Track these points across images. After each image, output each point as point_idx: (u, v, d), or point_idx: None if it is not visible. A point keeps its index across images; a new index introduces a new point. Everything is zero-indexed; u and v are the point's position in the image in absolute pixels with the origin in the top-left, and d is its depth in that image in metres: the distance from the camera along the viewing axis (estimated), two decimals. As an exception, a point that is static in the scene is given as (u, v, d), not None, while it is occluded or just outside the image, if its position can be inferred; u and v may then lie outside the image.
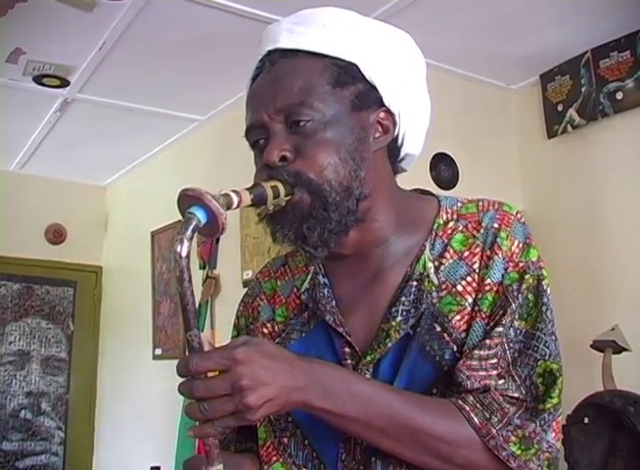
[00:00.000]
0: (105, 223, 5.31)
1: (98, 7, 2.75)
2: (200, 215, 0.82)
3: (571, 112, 3.30)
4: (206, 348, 0.85)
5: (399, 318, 0.99)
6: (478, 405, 0.92)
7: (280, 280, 1.17)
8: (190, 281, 0.84)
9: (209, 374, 0.83)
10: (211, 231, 0.85)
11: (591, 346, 2.77)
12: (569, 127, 3.32)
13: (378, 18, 2.76)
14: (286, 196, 0.95)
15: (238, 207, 0.89)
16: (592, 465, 2.42)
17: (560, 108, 3.36)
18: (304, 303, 1.10)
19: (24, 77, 3.41)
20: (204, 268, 3.82)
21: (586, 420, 2.39)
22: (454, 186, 3.20)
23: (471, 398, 0.92)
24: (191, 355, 0.83)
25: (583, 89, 3.25)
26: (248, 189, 0.92)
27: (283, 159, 0.98)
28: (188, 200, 0.84)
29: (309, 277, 1.11)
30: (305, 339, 1.07)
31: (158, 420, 4.20)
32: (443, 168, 3.22)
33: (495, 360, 0.94)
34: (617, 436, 2.39)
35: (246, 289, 1.25)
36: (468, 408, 0.92)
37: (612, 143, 3.19)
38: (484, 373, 0.94)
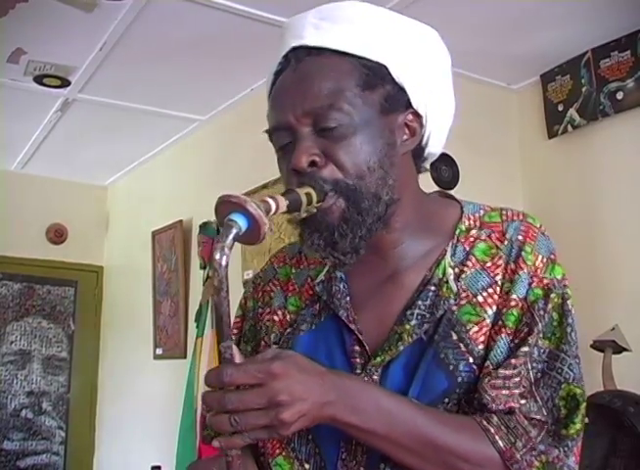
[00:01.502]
0: (106, 223, 5.32)
1: (98, 7, 2.75)
2: (241, 223, 0.80)
3: (572, 112, 3.30)
4: (238, 360, 0.84)
5: (414, 322, 0.98)
6: (502, 428, 0.91)
7: (295, 268, 1.15)
8: (227, 291, 0.80)
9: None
10: (250, 239, 0.82)
11: (591, 346, 2.77)
12: (569, 127, 3.32)
13: (378, 18, 2.77)
14: (317, 203, 0.94)
15: (275, 213, 0.86)
16: (592, 465, 2.42)
17: (560, 108, 3.36)
18: (318, 294, 1.08)
19: (25, 77, 3.41)
20: (204, 268, 3.83)
21: (586, 420, 2.38)
22: (455, 186, 3.20)
23: (495, 419, 0.92)
24: (225, 366, 0.82)
25: (584, 89, 3.25)
26: (283, 195, 0.90)
27: (312, 164, 0.96)
28: (229, 206, 0.81)
29: (325, 269, 1.09)
30: (315, 331, 1.06)
31: (158, 419, 4.21)
32: (444, 168, 3.22)
33: (518, 379, 0.93)
34: (618, 436, 2.39)
35: (246, 289, 1.24)
36: (493, 430, 0.91)
37: (612, 143, 3.18)
38: (507, 392, 0.92)
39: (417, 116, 1.02)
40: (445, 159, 3.25)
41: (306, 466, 1.02)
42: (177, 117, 3.99)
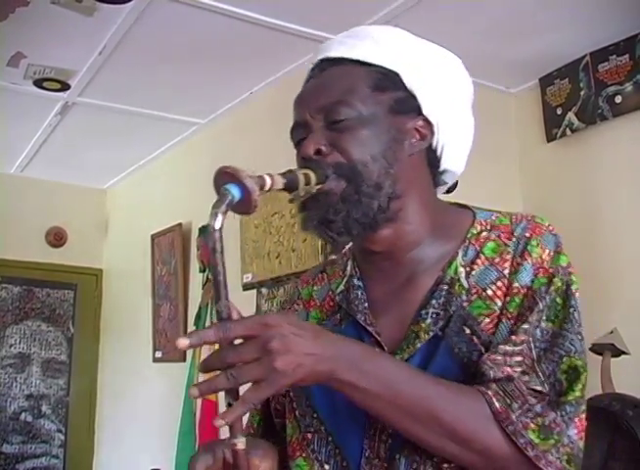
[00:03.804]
0: (105, 226, 5.32)
1: (98, 11, 2.76)
2: (234, 192, 0.86)
3: (571, 115, 3.31)
4: (235, 317, 0.86)
5: (429, 320, 1.02)
6: (500, 392, 0.93)
7: (316, 286, 1.21)
8: (222, 252, 0.86)
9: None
10: (244, 208, 0.88)
11: (590, 349, 2.78)
12: (568, 131, 3.33)
13: (378, 21, 2.77)
14: (317, 184, 0.99)
15: (270, 189, 0.92)
16: (590, 469, 2.42)
17: (559, 111, 3.37)
18: (338, 304, 1.13)
19: (25, 81, 3.42)
20: (204, 272, 3.83)
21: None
22: (453, 189, 3.20)
23: (494, 385, 0.93)
24: (222, 322, 0.84)
25: (582, 93, 3.25)
26: (281, 174, 0.95)
27: (317, 152, 1.03)
28: (225, 177, 0.88)
29: (345, 280, 1.15)
30: None
31: (158, 422, 4.21)
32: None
33: (520, 358, 0.95)
34: (616, 439, 2.38)
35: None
36: (490, 393, 0.92)
37: (611, 146, 3.19)
38: (509, 369, 0.94)
39: (428, 123, 1.09)
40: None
41: (326, 467, 1.04)
42: (176, 121, 4.00)
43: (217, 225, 0.85)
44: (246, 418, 1.18)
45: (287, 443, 1.11)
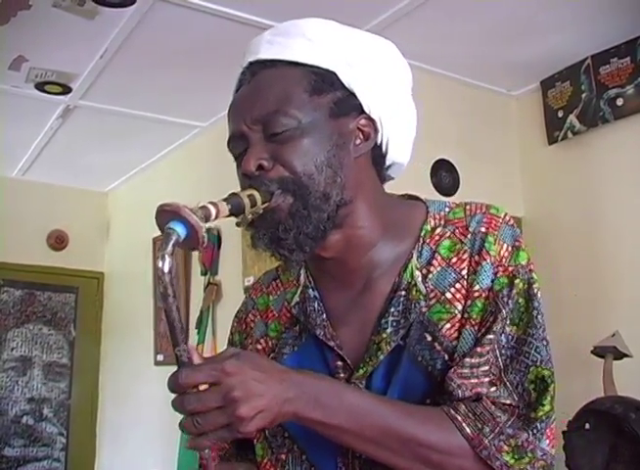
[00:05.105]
0: (106, 229, 5.32)
1: (100, 15, 2.77)
2: (179, 230, 0.82)
3: (572, 118, 3.31)
4: (197, 361, 0.85)
5: (389, 330, 0.99)
6: (469, 415, 0.91)
7: (272, 295, 1.17)
8: (175, 296, 0.83)
9: (202, 387, 0.83)
10: (191, 244, 0.84)
11: (592, 352, 2.77)
12: (569, 133, 3.33)
13: (379, 25, 2.78)
14: (263, 203, 0.95)
15: (216, 218, 0.89)
16: (593, 471, 2.42)
17: (560, 114, 3.37)
18: (295, 316, 1.09)
19: (27, 84, 3.42)
20: (205, 275, 3.83)
21: (587, 426, 2.38)
22: (455, 192, 3.20)
23: (462, 407, 0.92)
24: (180, 369, 0.83)
25: (584, 95, 3.25)
26: (225, 200, 0.91)
27: (260, 167, 0.98)
28: (166, 215, 0.84)
29: (299, 290, 1.11)
30: (298, 353, 1.06)
31: (159, 426, 4.20)
32: (444, 175, 3.22)
33: (487, 367, 0.94)
34: (618, 442, 2.38)
35: (232, 324, 1.24)
36: (460, 418, 0.91)
37: (612, 149, 3.19)
38: (476, 381, 0.93)
39: (370, 120, 1.03)
40: (445, 165, 3.25)
41: None
42: (178, 124, 4.00)
43: (166, 268, 0.81)
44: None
45: (257, 463, 1.09)
